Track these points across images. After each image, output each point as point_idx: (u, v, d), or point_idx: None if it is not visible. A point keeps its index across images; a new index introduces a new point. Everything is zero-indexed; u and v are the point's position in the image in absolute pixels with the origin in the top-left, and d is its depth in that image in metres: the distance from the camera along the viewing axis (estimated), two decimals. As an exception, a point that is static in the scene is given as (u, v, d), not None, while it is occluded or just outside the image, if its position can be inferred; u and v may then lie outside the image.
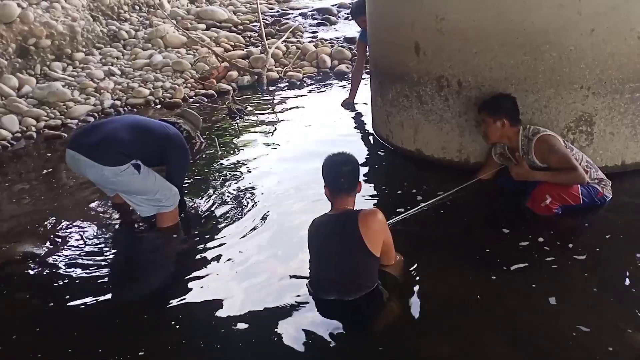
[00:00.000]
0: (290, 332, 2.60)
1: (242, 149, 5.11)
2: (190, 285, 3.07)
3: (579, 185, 3.34)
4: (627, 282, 2.76)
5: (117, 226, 3.79)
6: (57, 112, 6.25)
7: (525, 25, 3.56)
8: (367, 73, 6.03)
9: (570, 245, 3.10)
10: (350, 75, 6.54)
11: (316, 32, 9.23)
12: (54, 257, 3.42)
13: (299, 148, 4.98)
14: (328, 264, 2.68)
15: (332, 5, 10.35)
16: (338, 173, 2.74)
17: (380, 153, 4.66)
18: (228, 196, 4.08)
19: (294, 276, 3.00)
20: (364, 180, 2.95)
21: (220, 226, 3.65)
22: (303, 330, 2.60)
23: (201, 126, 4.03)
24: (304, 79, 7.40)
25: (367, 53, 5.73)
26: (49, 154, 5.41)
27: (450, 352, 2.42)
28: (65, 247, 3.53)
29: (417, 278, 2.92)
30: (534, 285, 2.78)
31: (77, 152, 3.40)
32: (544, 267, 2.92)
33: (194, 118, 3.95)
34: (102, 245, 3.54)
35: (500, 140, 3.62)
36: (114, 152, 3.35)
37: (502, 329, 2.52)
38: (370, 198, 3.84)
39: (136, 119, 3.71)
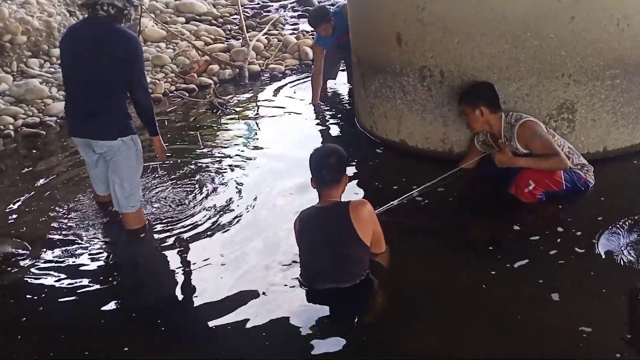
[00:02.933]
0: (282, 324, 2.59)
1: (225, 143, 5.07)
2: (177, 282, 3.05)
3: (561, 171, 3.37)
4: (613, 268, 2.79)
5: (100, 225, 3.73)
6: (35, 110, 6.14)
7: (505, 14, 3.57)
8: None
9: (556, 232, 3.12)
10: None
11: (297, 24, 9.16)
12: (35, 257, 3.36)
13: (282, 141, 4.96)
14: (322, 254, 2.72)
15: (312, -3, 10.28)
16: (320, 166, 2.81)
17: (364, 145, 4.65)
18: (211, 191, 4.05)
19: (284, 268, 2.99)
20: (348, 172, 2.94)
21: (204, 221, 3.62)
22: (295, 321, 2.60)
23: None
24: (286, 72, 7.36)
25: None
26: (28, 153, 5.31)
27: (438, 342, 2.43)
28: (47, 247, 3.47)
29: (403, 268, 2.93)
30: (521, 274, 2.79)
31: (83, 137, 3.40)
32: (530, 254, 2.94)
33: None
34: (85, 244, 3.48)
35: (483, 128, 3.63)
36: (109, 118, 3.30)
37: (489, 319, 2.53)
38: (356, 190, 3.83)
39: (78, 70, 3.32)
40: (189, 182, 4.24)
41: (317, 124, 5.36)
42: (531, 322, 2.47)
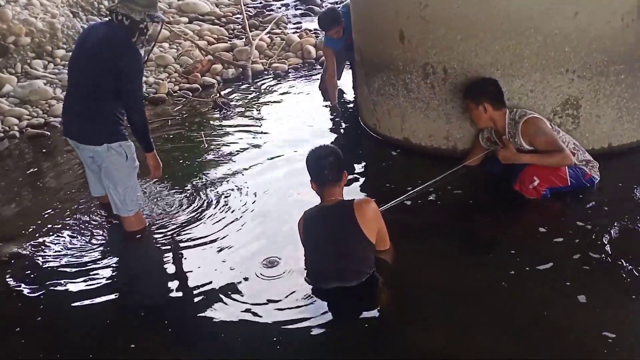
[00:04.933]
0: (288, 324, 2.59)
1: (229, 142, 5.06)
2: (182, 282, 3.06)
3: (566, 167, 3.35)
4: (621, 264, 2.77)
5: (103, 226, 3.74)
6: (39, 111, 6.16)
7: (509, 10, 3.55)
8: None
9: (562, 230, 3.11)
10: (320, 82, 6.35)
11: (300, 22, 9.16)
12: (40, 258, 3.38)
13: (285, 140, 4.94)
14: (328, 253, 2.72)
15: (315, -5, 10.28)
16: (321, 166, 2.81)
17: (367, 143, 4.65)
18: (215, 190, 4.05)
19: (289, 268, 2.99)
20: (352, 171, 2.94)
21: (208, 220, 3.63)
22: (301, 321, 2.60)
23: (154, 3, 3.31)
24: (289, 70, 7.36)
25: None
26: (33, 154, 5.33)
27: (444, 342, 2.42)
28: (52, 247, 3.49)
29: (408, 266, 2.93)
30: (526, 273, 2.78)
31: (72, 139, 3.45)
32: (535, 253, 2.93)
33: None
34: (89, 245, 3.50)
35: (487, 125, 3.62)
36: (97, 123, 3.29)
37: (495, 318, 2.52)
38: (360, 188, 3.83)
39: (77, 64, 3.37)
40: (192, 181, 4.24)
41: (321, 122, 5.35)
42: (539, 323, 2.45)
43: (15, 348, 2.65)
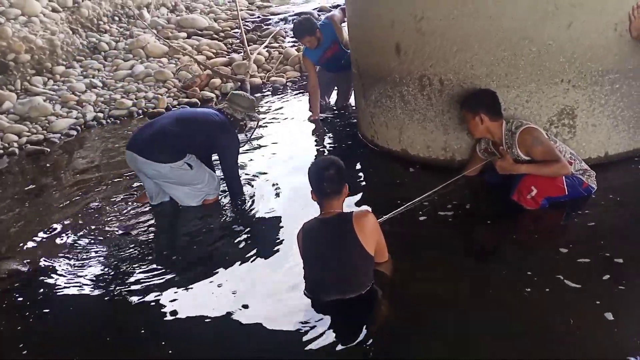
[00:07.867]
0: (286, 336, 2.59)
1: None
2: (183, 295, 3.05)
3: (563, 177, 3.36)
4: (616, 273, 2.77)
5: (103, 241, 3.74)
6: (39, 127, 6.21)
7: (503, 21, 3.58)
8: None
9: (559, 239, 3.11)
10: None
11: (298, 36, 9.21)
12: (40, 274, 3.38)
13: (284, 153, 4.97)
14: (327, 265, 2.72)
15: (313, 9, 10.35)
16: (321, 178, 2.80)
17: (366, 155, 4.66)
18: (214, 204, 4.06)
19: (289, 280, 2.99)
20: (350, 183, 2.94)
21: (210, 232, 3.64)
22: (299, 333, 2.59)
23: (253, 105, 4.13)
24: (287, 84, 7.40)
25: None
26: (33, 170, 5.35)
27: (444, 350, 2.42)
28: (51, 263, 3.49)
29: (407, 277, 2.92)
30: (525, 281, 2.77)
31: (133, 152, 3.79)
32: (533, 262, 2.92)
33: (241, 99, 4.05)
34: (88, 260, 3.50)
35: (484, 135, 3.63)
36: (165, 150, 3.73)
37: (495, 326, 2.52)
38: (358, 199, 3.84)
39: (183, 112, 3.99)
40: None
41: (318, 135, 5.38)
42: (536, 327, 2.45)
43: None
